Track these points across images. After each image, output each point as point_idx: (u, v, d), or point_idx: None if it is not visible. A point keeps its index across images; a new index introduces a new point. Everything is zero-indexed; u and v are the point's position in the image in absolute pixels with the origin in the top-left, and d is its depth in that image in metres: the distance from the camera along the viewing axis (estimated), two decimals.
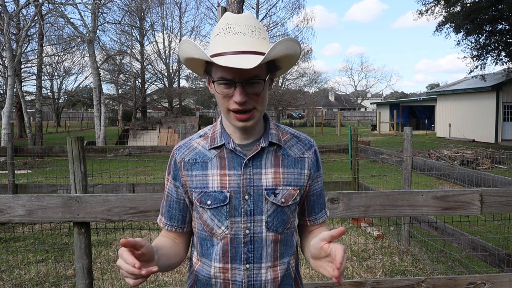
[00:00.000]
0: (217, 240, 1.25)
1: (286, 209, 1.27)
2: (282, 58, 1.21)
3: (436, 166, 4.68)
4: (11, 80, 14.44)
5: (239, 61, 1.12)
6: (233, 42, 1.15)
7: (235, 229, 1.24)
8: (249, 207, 1.24)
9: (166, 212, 1.35)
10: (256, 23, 1.19)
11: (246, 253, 1.24)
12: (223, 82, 1.17)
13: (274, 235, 1.26)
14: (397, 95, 69.16)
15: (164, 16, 30.71)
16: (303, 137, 1.35)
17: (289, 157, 1.29)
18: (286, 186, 1.26)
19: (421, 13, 19.65)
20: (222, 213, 1.24)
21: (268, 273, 1.26)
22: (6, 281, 3.81)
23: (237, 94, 1.16)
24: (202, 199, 1.25)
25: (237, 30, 1.16)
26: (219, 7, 5.66)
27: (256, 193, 1.24)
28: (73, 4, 16.49)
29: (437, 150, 13.25)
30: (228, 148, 1.25)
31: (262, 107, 1.21)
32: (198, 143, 1.31)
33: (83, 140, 2.52)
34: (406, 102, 33.48)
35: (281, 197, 1.25)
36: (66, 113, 49.76)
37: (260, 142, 1.26)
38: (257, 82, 1.17)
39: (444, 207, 2.36)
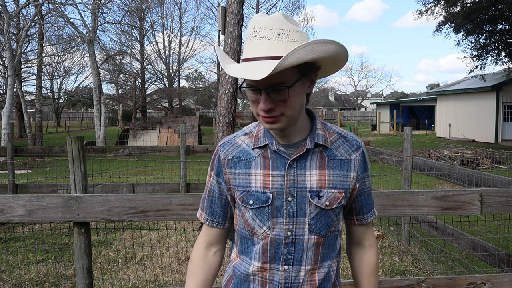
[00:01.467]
0: (257, 239, 1.25)
1: (331, 212, 1.24)
2: (319, 60, 1.15)
3: (436, 166, 4.68)
4: (11, 80, 14.44)
5: (254, 69, 1.08)
6: (256, 48, 1.11)
7: (277, 230, 1.22)
8: (292, 209, 1.21)
9: (207, 207, 1.35)
10: (284, 25, 1.12)
11: (285, 254, 1.23)
12: (250, 88, 1.15)
13: (317, 238, 1.23)
14: (397, 95, 69.16)
15: (164, 16, 30.74)
16: (351, 137, 1.30)
17: (336, 158, 1.25)
18: (332, 188, 1.23)
19: (421, 13, 19.66)
20: (264, 213, 1.22)
21: (307, 276, 1.24)
22: (6, 281, 3.81)
23: (262, 101, 1.13)
24: (244, 198, 1.24)
25: (262, 34, 1.11)
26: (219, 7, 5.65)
27: (300, 194, 1.21)
28: (73, 4, 16.49)
29: (437, 150, 13.25)
30: (271, 149, 1.23)
31: (291, 111, 1.15)
32: (242, 141, 1.29)
33: (83, 140, 2.52)
34: (406, 102, 33.48)
35: (326, 200, 1.22)
36: (66, 113, 49.75)
37: (305, 143, 1.22)
38: (281, 89, 1.11)
39: (444, 207, 2.36)
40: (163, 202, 2.28)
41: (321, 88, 57.40)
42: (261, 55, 1.10)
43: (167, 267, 4.14)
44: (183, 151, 6.45)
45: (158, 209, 2.28)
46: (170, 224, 5.46)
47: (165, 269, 4.11)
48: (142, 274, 4.01)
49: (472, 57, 19.21)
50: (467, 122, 22.62)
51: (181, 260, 4.34)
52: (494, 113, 20.80)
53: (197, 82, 40.21)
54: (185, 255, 4.47)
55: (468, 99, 22.76)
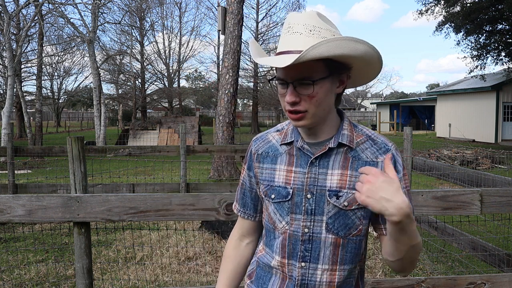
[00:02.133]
0: (278, 233, 1.28)
1: (350, 213, 1.21)
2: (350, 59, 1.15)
3: (436, 166, 4.68)
4: (11, 80, 14.44)
5: (278, 59, 1.12)
6: (289, 42, 1.15)
7: (295, 226, 1.24)
8: (311, 206, 1.23)
9: (240, 199, 1.42)
10: (317, 22, 1.15)
11: (302, 251, 1.24)
12: (279, 82, 1.19)
13: (335, 238, 1.22)
14: (397, 95, 69.12)
15: (164, 16, 30.74)
16: (380, 140, 1.27)
17: (360, 160, 1.23)
18: (352, 189, 1.20)
19: (421, 13, 19.66)
20: (284, 208, 1.26)
21: (324, 275, 1.23)
22: (6, 281, 3.81)
23: (288, 94, 1.16)
24: (267, 192, 1.29)
25: (295, 29, 1.15)
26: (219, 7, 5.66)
27: (319, 193, 1.22)
28: (73, 4, 16.49)
29: (437, 150, 13.25)
30: (296, 146, 1.26)
31: (316, 109, 1.16)
32: (273, 137, 1.33)
33: (83, 140, 2.52)
34: (406, 102, 33.49)
35: (344, 200, 1.21)
36: (66, 113, 49.75)
37: (329, 142, 1.23)
38: (307, 83, 1.14)
39: (444, 207, 2.36)
40: (163, 202, 2.28)
41: None
42: (292, 49, 1.13)
43: (167, 267, 4.14)
44: (183, 151, 6.45)
45: (158, 209, 2.28)
46: (170, 224, 5.46)
47: (165, 269, 4.11)
48: (142, 274, 4.01)
49: (472, 57, 19.21)
50: (467, 122, 22.62)
51: (181, 260, 4.34)
52: (494, 113, 20.80)
53: (197, 82, 40.24)
54: (185, 255, 4.47)
55: (468, 99, 22.75)
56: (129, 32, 27.07)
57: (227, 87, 5.31)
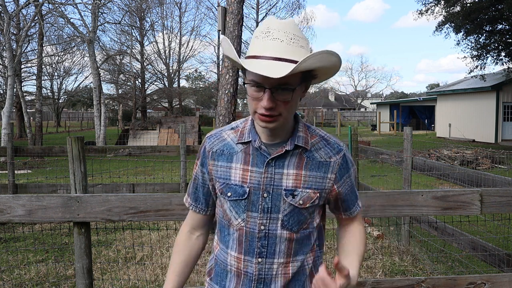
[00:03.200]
0: (233, 230, 1.32)
1: (304, 210, 1.30)
2: (318, 69, 1.21)
3: (436, 166, 4.68)
4: (11, 80, 14.44)
5: (269, 68, 1.13)
6: (270, 47, 1.16)
7: (251, 223, 1.29)
8: (267, 205, 1.28)
9: (192, 193, 1.44)
10: (297, 31, 1.20)
11: (259, 248, 1.29)
12: (253, 85, 1.19)
13: (289, 234, 1.29)
14: (397, 95, 69.13)
15: (164, 16, 30.73)
16: (333, 141, 1.35)
17: (314, 160, 1.30)
18: (306, 188, 1.28)
19: (421, 13, 19.65)
20: (240, 206, 1.29)
21: (280, 268, 1.30)
22: (6, 281, 3.81)
23: (265, 99, 1.17)
24: (223, 189, 1.32)
25: (276, 35, 1.17)
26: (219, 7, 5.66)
27: (275, 192, 1.28)
28: (73, 4, 16.49)
29: (437, 150, 13.25)
30: (253, 146, 1.29)
31: (289, 113, 1.22)
32: (228, 135, 1.36)
33: (83, 140, 2.52)
34: (406, 102, 33.48)
35: (300, 199, 1.28)
36: (66, 113, 49.74)
37: (286, 145, 1.28)
38: (287, 90, 1.18)
39: (444, 207, 2.36)
40: (163, 202, 2.28)
41: (321, 88, 57.43)
42: (273, 55, 1.15)
43: (167, 267, 4.14)
44: (183, 151, 6.45)
45: (158, 209, 2.28)
46: (170, 224, 5.46)
47: (165, 269, 4.11)
48: (142, 274, 4.01)
49: (472, 57, 19.20)
50: (467, 122, 22.61)
51: None
52: (494, 113, 20.79)
53: (197, 82, 40.24)
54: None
55: (468, 99, 22.75)
56: (129, 32, 27.05)
57: (227, 87, 5.30)
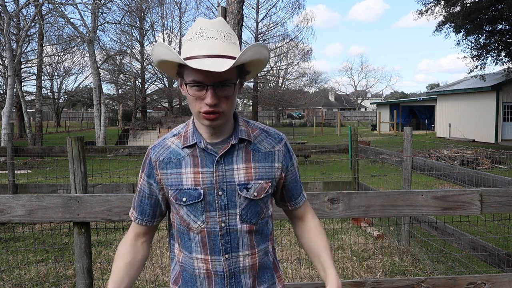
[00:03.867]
0: (193, 234, 1.33)
1: (259, 201, 1.34)
2: (251, 63, 1.27)
3: (436, 166, 4.68)
4: (11, 80, 14.44)
5: (210, 64, 1.16)
6: (205, 46, 1.20)
7: (211, 223, 1.31)
8: (223, 202, 1.31)
9: (137, 207, 1.43)
10: (228, 29, 1.25)
11: (224, 245, 1.32)
12: (195, 85, 1.22)
13: (249, 226, 1.33)
14: (397, 95, 69.12)
15: (164, 16, 30.71)
16: (273, 132, 1.41)
17: (260, 151, 1.35)
18: (258, 180, 1.33)
19: (421, 13, 19.64)
20: (198, 208, 1.31)
21: (246, 260, 1.34)
22: (6, 281, 3.81)
23: (208, 97, 1.21)
24: (177, 196, 1.32)
25: (209, 34, 1.21)
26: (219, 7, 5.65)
27: (229, 188, 1.31)
28: (73, 4, 16.49)
29: (437, 150, 13.25)
30: (200, 147, 1.31)
31: (230, 109, 1.27)
32: (172, 142, 1.36)
33: (83, 140, 2.52)
34: (406, 102, 33.47)
35: (254, 191, 1.32)
36: (66, 113, 49.73)
37: (230, 140, 1.32)
38: (228, 85, 1.22)
39: (444, 207, 2.36)
40: None
41: (321, 88, 57.40)
42: (211, 53, 1.19)
43: (167, 267, 4.14)
44: None
45: None
46: None
47: (165, 269, 4.11)
48: (142, 274, 4.01)
49: (472, 57, 19.19)
50: (467, 122, 22.61)
51: None
52: (494, 113, 20.79)
53: None
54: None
55: (468, 99, 22.75)
56: (129, 32, 27.04)
57: None
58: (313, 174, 9.01)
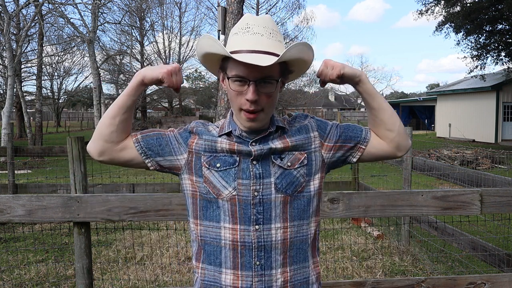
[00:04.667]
0: (222, 202, 1.28)
1: (294, 171, 1.31)
2: (295, 62, 1.26)
3: (436, 166, 4.68)
4: (11, 80, 14.44)
5: (255, 59, 1.16)
6: (251, 42, 1.21)
7: (243, 191, 1.28)
8: (258, 170, 1.29)
9: (148, 138, 1.35)
10: (274, 26, 1.25)
11: (255, 214, 1.27)
12: (237, 79, 1.22)
13: (283, 197, 1.29)
14: (397, 95, 69.10)
15: (164, 16, 30.69)
16: (297, 114, 1.43)
17: (293, 130, 1.36)
18: (293, 150, 1.32)
19: (421, 13, 19.63)
20: (230, 174, 1.28)
21: (278, 234, 1.29)
22: (6, 281, 3.81)
23: (250, 92, 1.20)
24: (211, 162, 1.30)
25: (255, 30, 1.22)
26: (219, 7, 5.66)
27: (265, 158, 1.30)
28: (73, 4, 16.49)
29: (437, 150, 13.25)
30: (235, 135, 1.31)
31: (270, 108, 1.27)
32: (213, 128, 1.37)
33: (83, 140, 2.52)
34: (406, 102, 33.47)
35: (287, 161, 1.31)
36: (66, 113, 49.72)
37: (269, 128, 1.32)
38: (270, 82, 1.22)
39: (444, 207, 2.36)
40: (163, 202, 2.28)
41: (321, 88, 57.35)
42: (256, 48, 1.20)
43: (167, 267, 4.14)
44: None
45: (158, 209, 2.28)
46: (170, 224, 5.46)
47: (165, 269, 4.11)
48: (142, 274, 4.01)
49: (472, 57, 19.18)
50: (467, 122, 22.61)
51: (181, 260, 4.34)
52: (494, 113, 20.79)
53: (197, 82, 40.17)
54: (185, 255, 4.47)
55: (468, 99, 22.74)
56: (129, 32, 27.05)
57: None
58: None
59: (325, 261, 4.23)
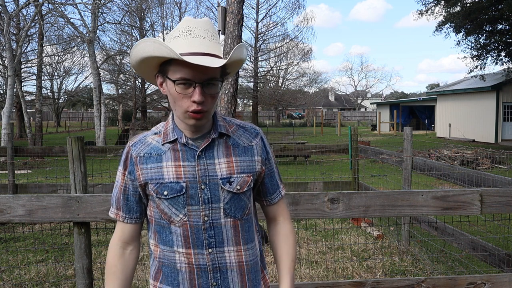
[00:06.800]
0: (175, 227, 1.31)
1: (242, 195, 1.34)
2: (232, 63, 1.30)
3: (436, 166, 4.68)
4: (11, 80, 14.44)
5: (203, 60, 1.18)
6: (195, 44, 1.23)
7: (194, 217, 1.30)
8: (207, 196, 1.30)
9: (124, 206, 1.39)
10: (213, 29, 1.28)
11: (207, 239, 1.31)
12: (182, 82, 1.22)
13: (233, 221, 1.33)
14: (397, 95, 69.12)
15: (164, 16, 30.71)
16: (249, 126, 1.43)
17: (239, 146, 1.36)
18: (240, 173, 1.33)
19: (421, 13, 19.64)
20: (179, 202, 1.30)
21: (233, 256, 1.33)
22: (6, 281, 3.81)
23: (197, 94, 1.22)
24: (158, 190, 1.31)
25: (197, 33, 1.24)
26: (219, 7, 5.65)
27: (212, 182, 1.31)
28: (73, 4, 16.49)
29: (437, 150, 13.25)
30: (180, 142, 1.32)
31: (213, 108, 1.30)
32: (152, 139, 1.37)
33: (83, 140, 2.52)
34: (406, 102, 33.47)
35: (236, 184, 1.32)
36: (66, 113, 49.73)
37: (210, 134, 1.33)
38: (214, 84, 1.25)
39: (444, 207, 2.36)
40: None
41: (321, 88, 57.39)
42: (200, 51, 1.22)
43: None
44: None
45: None
46: None
47: None
48: (142, 274, 4.01)
49: (472, 57, 19.19)
50: (467, 122, 22.61)
51: None
52: (494, 113, 20.79)
53: None
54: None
55: (468, 99, 22.75)
56: (129, 32, 27.05)
57: (227, 87, 5.30)
58: (313, 174, 9.00)
59: (325, 261, 4.23)
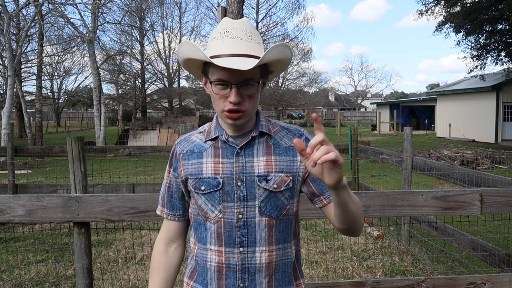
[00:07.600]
0: (210, 224, 1.32)
1: (279, 195, 1.32)
2: (274, 63, 1.29)
3: (436, 166, 4.68)
4: (11, 80, 14.44)
5: (235, 63, 1.19)
6: (231, 45, 1.23)
7: (228, 214, 1.30)
8: (242, 193, 1.30)
9: (168, 202, 1.43)
10: (252, 29, 1.28)
11: (240, 237, 1.30)
12: (219, 83, 1.24)
13: (268, 220, 1.31)
14: (397, 95, 69.11)
15: (164, 16, 30.70)
16: (293, 128, 1.41)
17: (280, 146, 1.35)
18: (278, 172, 1.31)
19: (421, 13, 19.64)
20: (215, 197, 1.31)
21: (263, 257, 1.31)
22: (6, 281, 3.81)
23: (232, 95, 1.23)
24: (196, 185, 1.33)
25: (234, 34, 1.24)
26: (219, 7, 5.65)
27: (249, 179, 1.30)
28: (73, 4, 16.49)
29: (437, 150, 13.25)
30: (221, 140, 1.33)
31: (253, 108, 1.29)
32: (196, 137, 1.40)
33: (83, 140, 2.52)
34: (406, 102, 33.47)
35: (273, 183, 1.31)
36: (66, 113, 49.72)
37: (251, 133, 1.33)
38: (251, 84, 1.25)
39: (444, 207, 2.36)
40: None
41: (321, 88, 57.38)
42: (236, 52, 1.22)
43: None
44: None
45: None
46: None
47: None
48: (142, 274, 4.01)
49: (472, 57, 19.19)
50: (467, 122, 22.61)
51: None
52: (494, 113, 20.79)
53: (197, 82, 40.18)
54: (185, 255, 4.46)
55: (468, 99, 22.75)
56: (129, 32, 27.00)
57: None
58: None
59: (325, 261, 4.23)
